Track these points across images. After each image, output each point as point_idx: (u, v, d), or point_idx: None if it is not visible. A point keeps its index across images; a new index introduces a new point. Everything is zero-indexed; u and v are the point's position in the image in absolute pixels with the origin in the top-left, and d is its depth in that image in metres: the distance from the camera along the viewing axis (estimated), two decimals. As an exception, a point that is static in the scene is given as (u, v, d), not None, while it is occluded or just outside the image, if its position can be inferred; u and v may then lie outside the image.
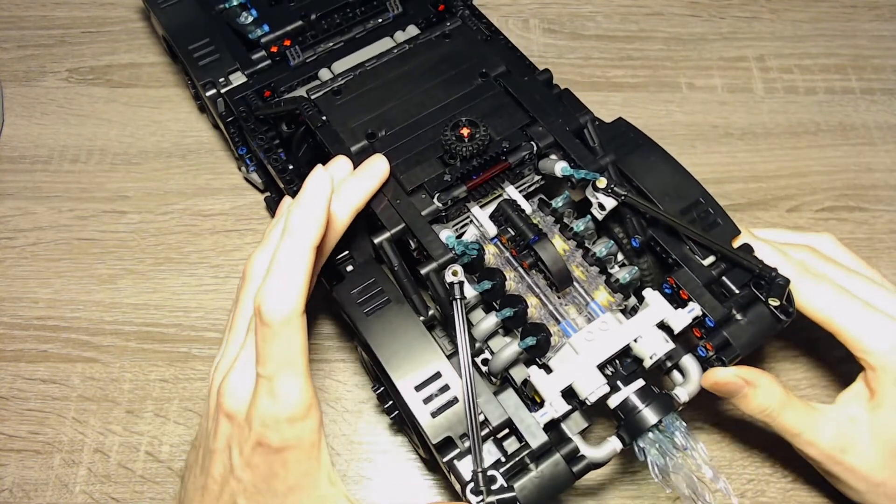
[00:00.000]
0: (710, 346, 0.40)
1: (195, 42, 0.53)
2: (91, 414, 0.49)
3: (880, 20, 0.68)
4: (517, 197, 0.44)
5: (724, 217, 0.42)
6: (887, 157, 0.60)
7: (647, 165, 0.44)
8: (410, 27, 0.53)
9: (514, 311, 0.39)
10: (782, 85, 0.64)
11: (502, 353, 0.39)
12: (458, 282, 0.38)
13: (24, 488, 0.46)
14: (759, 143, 0.61)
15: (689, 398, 0.39)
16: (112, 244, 0.55)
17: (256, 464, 0.35)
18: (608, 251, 0.42)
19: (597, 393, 0.38)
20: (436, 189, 0.42)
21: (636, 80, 0.64)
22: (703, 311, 0.40)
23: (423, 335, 0.39)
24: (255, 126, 0.49)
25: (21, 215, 0.56)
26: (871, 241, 0.56)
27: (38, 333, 0.51)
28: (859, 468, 0.40)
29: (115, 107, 0.61)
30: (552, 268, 0.39)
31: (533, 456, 0.37)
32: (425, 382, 0.38)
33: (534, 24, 0.67)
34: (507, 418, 0.38)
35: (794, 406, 0.40)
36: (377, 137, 0.45)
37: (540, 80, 0.48)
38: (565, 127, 0.44)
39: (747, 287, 0.40)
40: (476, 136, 0.42)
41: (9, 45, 0.64)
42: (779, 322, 0.40)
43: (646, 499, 0.47)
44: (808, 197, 0.58)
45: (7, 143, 0.59)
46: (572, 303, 0.41)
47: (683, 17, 0.68)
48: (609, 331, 0.39)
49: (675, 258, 0.41)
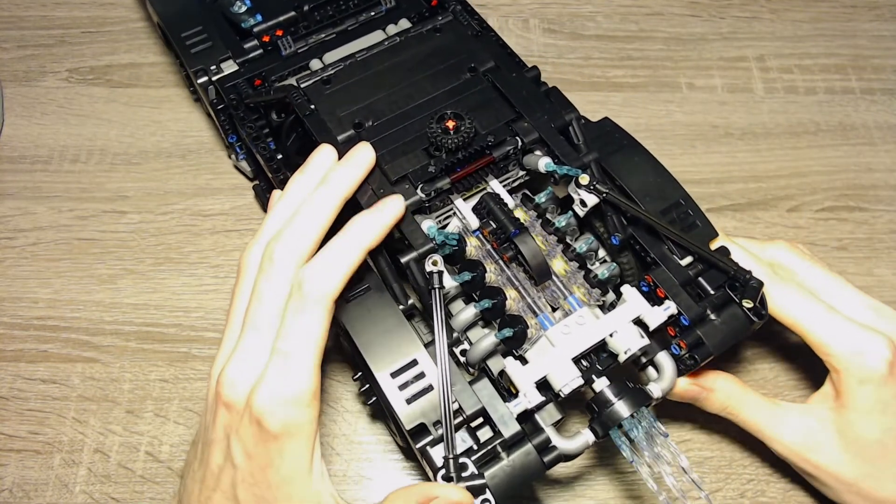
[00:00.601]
0: (683, 344, 0.40)
1: (188, 30, 0.53)
2: (91, 414, 0.49)
3: (880, 20, 0.68)
4: (500, 191, 0.44)
5: (703, 219, 0.43)
6: (887, 157, 0.60)
7: (630, 165, 0.44)
8: (403, 21, 0.54)
9: (492, 303, 0.40)
10: (782, 85, 0.64)
11: (480, 343, 0.40)
12: (438, 271, 0.39)
13: (24, 488, 0.46)
14: (759, 143, 0.61)
15: (662, 394, 0.40)
16: (112, 244, 0.55)
17: (254, 453, 0.36)
18: (588, 247, 0.43)
19: (570, 385, 0.39)
20: (420, 180, 0.43)
21: (636, 80, 0.64)
22: (679, 310, 0.40)
23: (402, 323, 0.39)
24: (245, 114, 0.50)
25: (21, 215, 0.56)
26: (871, 241, 0.56)
27: (38, 333, 0.52)
28: (827, 467, 0.41)
29: (115, 107, 0.61)
30: (531, 261, 0.40)
31: (505, 445, 0.38)
32: (401, 370, 0.38)
33: (534, 24, 0.67)
34: (481, 407, 0.38)
35: (755, 403, 0.43)
36: (364, 127, 0.45)
37: (528, 77, 0.49)
38: (550, 124, 0.45)
39: (722, 288, 0.41)
40: (461, 129, 0.42)
41: (9, 45, 0.64)
42: (751, 323, 0.41)
43: (646, 499, 0.47)
44: (808, 197, 0.58)
45: (7, 143, 0.59)
46: (551, 296, 0.42)
47: (683, 17, 0.68)
48: (585, 325, 0.40)
49: (654, 257, 0.42)
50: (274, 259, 0.38)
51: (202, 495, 0.37)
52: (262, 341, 0.37)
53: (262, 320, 0.38)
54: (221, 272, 0.54)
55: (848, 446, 0.41)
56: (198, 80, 0.52)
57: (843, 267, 0.55)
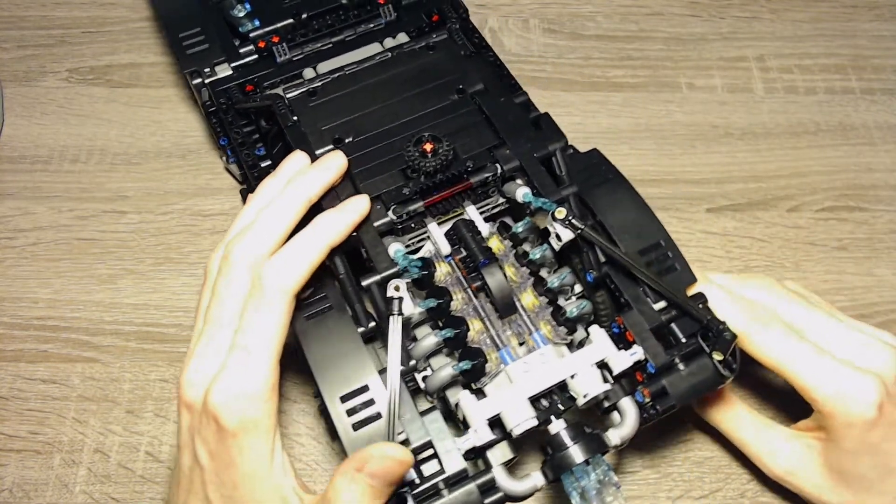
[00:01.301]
0: (647, 393, 0.39)
1: (186, 30, 0.53)
2: (91, 414, 0.49)
3: (880, 20, 0.68)
4: (476, 218, 0.43)
5: (683, 263, 0.41)
6: (887, 157, 0.60)
7: (612, 201, 0.43)
8: (401, 35, 0.53)
9: (454, 333, 0.39)
10: (782, 85, 0.64)
11: (438, 373, 0.39)
12: (398, 297, 0.38)
13: (24, 488, 0.46)
14: (759, 143, 0.61)
15: (621, 442, 0.38)
16: (112, 244, 0.55)
17: (216, 451, 0.35)
18: (561, 283, 0.41)
19: (523, 426, 0.37)
20: (393, 201, 0.42)
21: (636, 80, 0.64)
22: (646, 356, 0.39)
23: (358, 347, 0.38)
24: (234, 119, 0.50)
25: (21, 215, 0.56)
26: (871, 241, 0.56)
27: (38, 333, 0.51)
28: (811, 494, 0.42)
29: (115, 107, 0.61)
30: (496, 294, 0.39)
31: (447, 482, 0.36)
32: (351, 394, 0.37)
33: (534, 24, 0.67)
34: (428, 440, 0.37)
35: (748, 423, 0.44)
36: (344, 143, 0.45)
37: (517, 102, 0.47)
38: (533, 153, 0.44)
39: (694, 337, 0.39)
40: (439, 152, 0.41)
41: (9, 45, 0.64)
42: (721, 378, 0.39)
43: (646, 499, 0.47)
44: (808, 197, 0.58)
45: (7, 143, 0.59)
46: (516, 331, 0.40)
47: (683, 17, 0.68)
48: (547, 364, 0.39)
49: (627, 298, 0.40)
50: (231, 258, 0.38)
51: (179, 499, 0.38)
52: (221, 340, 0.37)
53: (220, 319, 0.37)
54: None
55: (834, 477, 0.41)
56: (192, 82, 0.52)
57: (843, 267, 0.55)
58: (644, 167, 0.59)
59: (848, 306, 0.53)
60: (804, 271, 0.55)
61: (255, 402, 0.35)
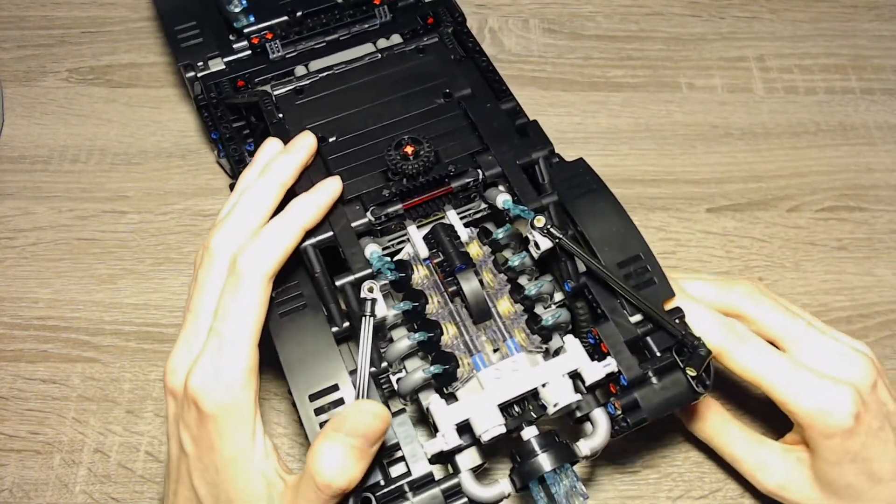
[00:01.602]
0: (618, 405, 0.38)
1: (182, 23, 0.54)
2: (91, 414, 0.49)
3: (880, 20, 0.68)
4: (455, 222, 0.43)
5: (661, 277, 0.41)
6: (887, 157, 0.60)
7: (593, 211, 0.42)
8: (395, 36, 0.53)
9: (428, 336, 0.39)
10: (782, 85, 0.64)
11: (410, 376, 0.39)
12: (371, 299, 0.37)
13: (24, 488, 0.46)
14: (759, 143, 0.61)
15: (591, 453, 0.38)
16: (112, 244, 0.55)
17: (197, 436, 0.36)
18: (538, 291, 0.41)
19: (491, 432, 0.37)
20: (372, 202, 0.42)
21: (636, 80, 0.64)
22: (619, 369, 0.39)
23: (331, 346, 0.38)
24: (223, 114, 0.50)
25: (21, 215, 0.56)
26: (871, 241, 0.56)
27: (38, 333, 0.52)
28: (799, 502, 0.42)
29: (115, 107, 0.61)
30: (470, 300, 0.39)
31: (412, 485, 0.36)
32: (320, 393, 0.37)
33: (534, 24, 0.67)
34: (396, 442, 0.37)
35: (739, 439, 0.44)
36: (327, 142, 0.44)
37: (505, 108, 0.47)
38: (515, 160, 0.43)
39: (669, 352, 0.39)
40: (420, 154, 0.41)
41: (9, 45, 0.64)
42: (694, 394, 0.39)
43: (646, 499, 0.47)
44: (808, 197, 0.58)
45: (7, 143, 0.59)
46: (491, 337, 0.40)
47: (683, 17, 0.68)
48: (518, 371, 0.38)
49: (604, 310, 0.40)
50: (210, 248, 0.39)
51: (170, 490, 0.38)
52: (202, 327, 0.37)
53: (201, 307, 0.38)
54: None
55: (824, 488, 0.41)
56: (186, 74, 0.52)
57: (843, 267, 0.55)
58: (644, 167, 0.59)
59: (848, 306, 0.53)
60: (804, 271, 0.55)
61: (233, 385, 0.35)
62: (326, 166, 0.43)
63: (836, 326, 0.53)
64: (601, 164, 0.58)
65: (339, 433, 0.33)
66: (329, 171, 0.43)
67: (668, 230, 0.56)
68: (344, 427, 0.33)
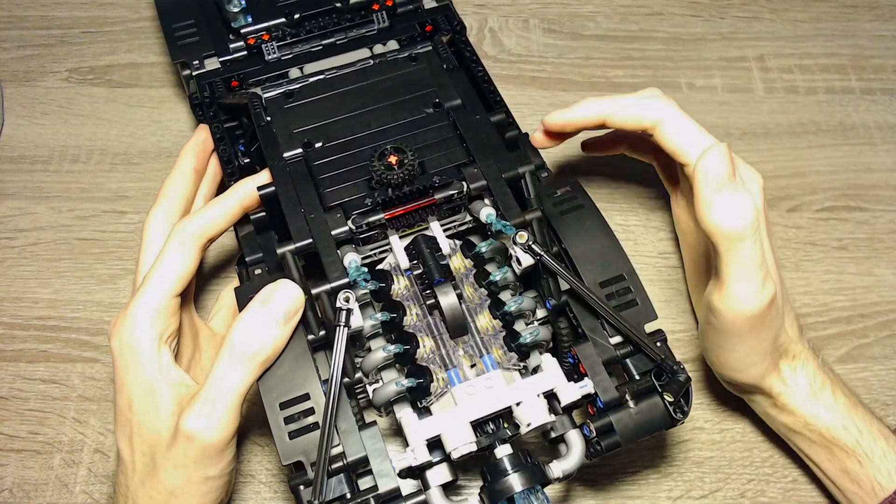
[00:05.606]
0: (594, 427, 0.38)
1: (180, 21, 0.53)
2: (91, 414, 0.49)
3: (880, 20, 0.68)
4: (438, 234, 0.43)
5: (644, 298, 0.40)
6: (887, 157, 0.60)
7: (579, 228, 0.41)
8: (392, 42, 0.52)
9: (403, 349, 0.38)
10: (782, 85, 0.64)
11: (384, 388, 0.38)
12: (347, 309, 0.37)
13: (24, 488, 0.46)
14: (759, 143, 0.61)
15: (563, 475, 0.37)
16: (112, 244, 0.55)
17: (115, 379, 0.39)
18: (518, 307, 0.40)
19: (461, 449, 0.36)
20: (353, 211, 0.41)
21: (636, 80, 0.64)
22: (595, 391, 0.38)
23: (304, 354, 0.38)
24: (215, 113, 0.50)
25: (21, 215, 0.56)
26: (871, 241, 0.56)
27: (38, 333, 0.52)
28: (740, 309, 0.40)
29: (115, 107, 0.61)
30: (447, 314, 0.39)
31: (379, 499, 0.36)
32: (291, 402, 0.37)
33: (534, 24, 0.67)
34: (364, 456, 0.36)
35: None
36: (313, 148, 0.44)
37: (494, 120, 0.46)
38: (501, 173, 0.42)
39: (648, 375, 0.39)
40: (404, 163, 0.40)
41: (9, 45, 0.64)
42: (671, 420, 0.38)
43: (646, 499, 0.47)
44: (808, 197, 0.58)
45: (7, 143, 0.59)
46: (469, 352, 0.40)
47: (683, 17, 0.68)
48: (493, 389, 0.38)
49: (584, 329, 0.40)
50: (145, 228, 0.44)
51: (119, 446, 0.40)
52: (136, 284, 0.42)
53: (138, 278, 0.42)
54: (221, 272, 0.54)
55: (743, 286, 0.40)
56: (182, 72, 0.52)
57: (843, 267, 0.55)
58: (644, 167, 0.59)
59: (848, 306, 0.53)
60: (804, 271, 0.55)
61: (139, 323, 0.39)
62: (311, 172, 0.43)
63: (837, 326, 0.53)
64: (601, 164, 0.58)
65: (255, 304, 0.37)
66: (313, 177, 0.43)
67: (668, 230, 0.56)
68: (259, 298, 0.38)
